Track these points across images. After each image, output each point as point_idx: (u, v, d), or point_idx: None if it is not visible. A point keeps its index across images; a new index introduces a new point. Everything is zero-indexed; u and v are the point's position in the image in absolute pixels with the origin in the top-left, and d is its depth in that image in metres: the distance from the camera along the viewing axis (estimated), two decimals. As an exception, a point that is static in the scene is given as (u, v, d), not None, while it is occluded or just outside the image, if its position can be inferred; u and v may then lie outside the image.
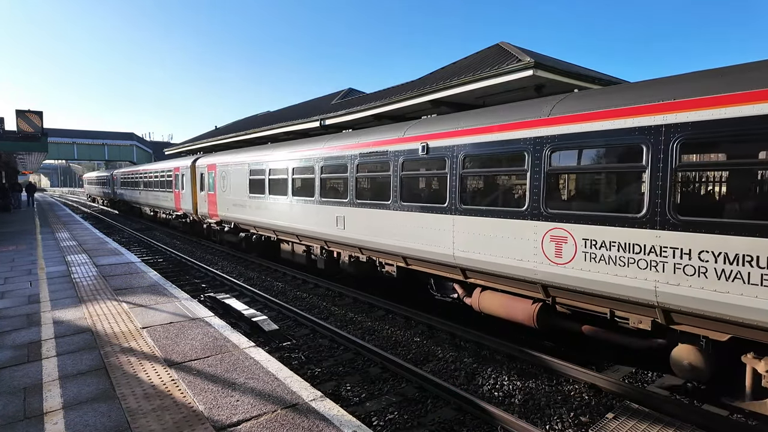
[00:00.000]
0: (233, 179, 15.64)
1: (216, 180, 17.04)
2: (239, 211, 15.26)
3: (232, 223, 16.27)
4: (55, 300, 7.76)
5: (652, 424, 5.09)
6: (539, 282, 6.50)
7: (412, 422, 5.53)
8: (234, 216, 15.84)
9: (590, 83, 8.84)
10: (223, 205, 16.53)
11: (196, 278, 13.66)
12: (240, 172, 15.13)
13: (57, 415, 3.99)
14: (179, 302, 7.66)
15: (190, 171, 19.93)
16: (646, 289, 5.28)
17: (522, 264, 6.63)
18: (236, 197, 15.43)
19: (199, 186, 18.84)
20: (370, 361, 7.31)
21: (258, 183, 14.28)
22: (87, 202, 58.47)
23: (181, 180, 21.02)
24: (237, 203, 15.40)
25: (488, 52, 11.08)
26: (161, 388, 4.47)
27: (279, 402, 4.23)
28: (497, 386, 6.41)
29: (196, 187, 19.48)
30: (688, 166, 5.34)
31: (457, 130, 7.64)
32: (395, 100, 11.30)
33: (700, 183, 6.86)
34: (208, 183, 17.83)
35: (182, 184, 20.94)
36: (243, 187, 14.90)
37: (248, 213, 14.63)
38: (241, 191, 15.00)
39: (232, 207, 15.79)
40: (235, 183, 15.44)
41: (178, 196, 21.78)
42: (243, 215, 15.06)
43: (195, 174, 19.70)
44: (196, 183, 19.53)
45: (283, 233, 13.06)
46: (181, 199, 21.32)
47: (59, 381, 4.65)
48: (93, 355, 5.32)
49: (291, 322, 9.40)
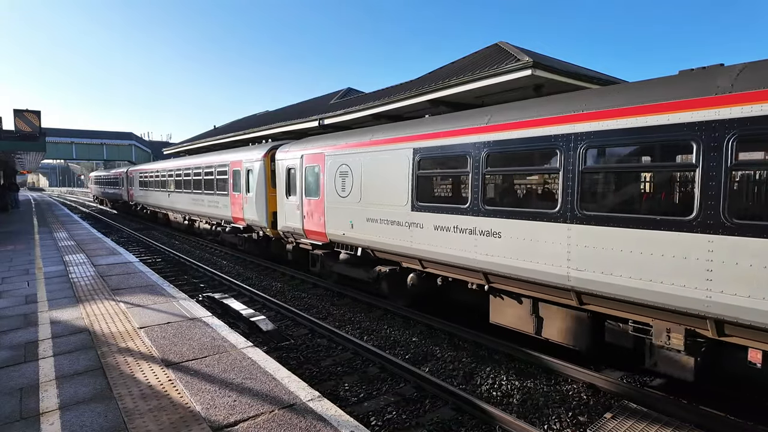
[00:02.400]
0: (371, 176, 9.49)
1: (325, 178, 10.86)
2: (383, 232, 9.17)
3: (357, 248, 10.18)
4: (53, 300, 7.73)
5: (651, 424, 5.08)
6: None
7: (410, 422, 5.52)
8: (369, 238, 9.61)
9: (589, 83, 8.83)
10: (341, 218, 10.38)
11: (194, 278, 13.64)
12: (389, 163, 8.98)
13: (53, 415, 3.97)
14: (177, 302, 7.64)
15: (263, 166, 14.14)
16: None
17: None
18: (378, 206, 9.29)
19: (285, 188, 12.70)
20: (368, 360, 7.30)
21: (447, 181, 10.53)
22: (87, 202, 58.37)
23: (245, 179, 15.07)
24: (377, 217, 9.31)
25: (487, 51, 11.08)
26: (158, 389, 4.45)
27: (276, 402, 4.21)
28: (495, 386, 6.41)
29: (274, 190, 13.66)
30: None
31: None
32: (394, 100, 11.29)
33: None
34: (306, 183, 11.71)
35: (246, 184, 15.01)
36: (397, 190, 8.74)
37: (408, 236, 8.52)
38: (392, 196, 8.89)
39: (364, 223, 9.69)
40: (377, 183, 9.35)
41: (237, 202, 15.60)
42: (391, 238, 8.95)
43: (272, 169, 13.82)
44: (274, 183, 13.70)
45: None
46: (244, 206, 15.16)
47: (56, 381, 4.63)
48: (90, 355, 5.31)
49: (289, 322, 9.39)
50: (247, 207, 14.95)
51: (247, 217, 15.10)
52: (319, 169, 11.09)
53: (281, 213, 13.01)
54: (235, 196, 15.86)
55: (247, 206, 14.95)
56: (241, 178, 15.27)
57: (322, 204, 10.99)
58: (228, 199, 16.39)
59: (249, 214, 14.91)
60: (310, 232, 11.64)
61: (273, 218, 13.73)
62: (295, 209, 12.17)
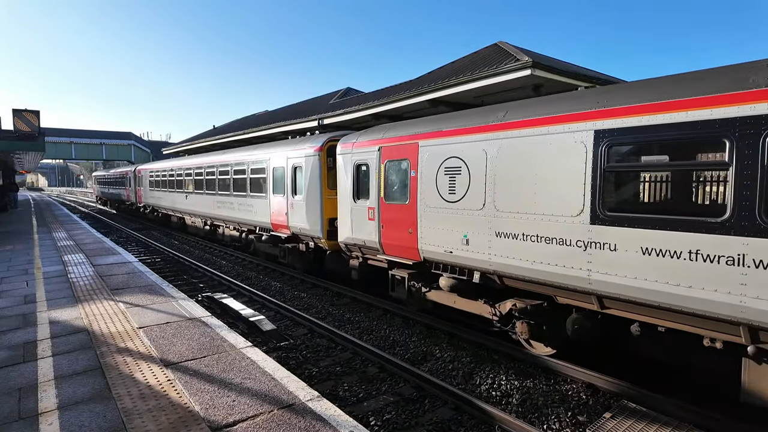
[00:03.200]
0: (506, 173, 6.75)
1: (419, 177, 8.18)
2: (529, 252, 6.43)
3: (473, 272, 7.41)
4: (52, 300, 7.73)
5: (650, 424, 5.09)
6: None
7: (409, 422, 5.52)
8: (500, 260, 6.84)
9: (588, 82, 8.83)
10: (447, 231, 7.65)
11: (193, 278, 13.64)
12: (545, 154, 6.26)
13: (52, 415, 3.97)
14: (176, 302, 7.64)
15: (317, 162, 11.47)
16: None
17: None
18: (521, 216, 6.55)
19: (351, 189, 9.99)
20: (367, 360, 7.30)
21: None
22: (86, 202, 58.29)
23: (290, 178, 12.54)
24: (518, 231, 6.57)
25: (486, 51, 11.07)
26: (157, 389, 4.45)
27: (275, 402, 4.21)
28: (495, 386, 6.41)
29: (332, 191, 11.13)
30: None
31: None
32: (393, 100, 11.27)
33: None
34: (387, 183, 9.05)
35: (292, 184, 12.49)
36: (560, 193, 6.07)
37: (583, 261, 5.83)
38: (550, 201, 6.19)
39: (491, 239, 6.94)
40: (517, 182, 6.60)
41: (279, 206, 13.11)
42: (546, 262, 6.24)
43: (329, 166, 11.43)
44: (331, 183, 11.22)
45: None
46: (288, 211, 12.62)
47: (54, 381, 4.63)
48: (89, 355, 5.30)
49: (289, 322, 9.39)
50: (294, 212, 12.41)
51: (293, 224, 12.47)
52: (409, 165, 8.48)
53: (344, 221, 10.32)
54: (276, 199, 13.30)
55: (294, 211, 12.40)
56: (286, 177, 12.72)
57: (412, 211, 8.33)
58: (266, 202, 13.78)
59: (296, 220, 12.33)
60: (391, 246, 8.98)
61: (329, 226, 11.26)
62: (368, 217, 9.53)
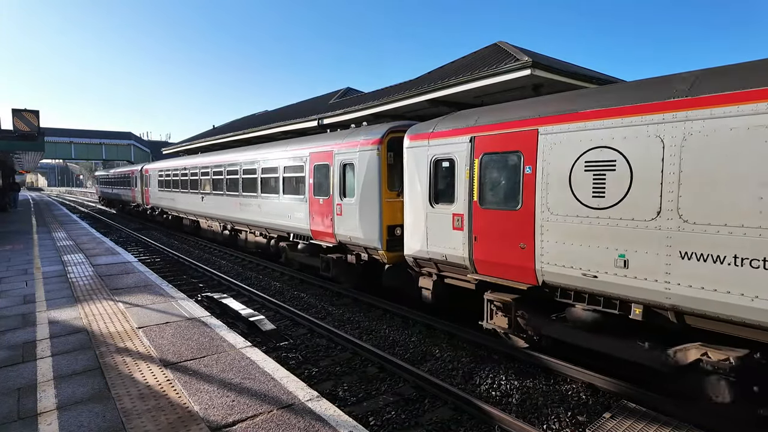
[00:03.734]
0: (710, 170, 4.70)
1: (538, 175, 6.35)
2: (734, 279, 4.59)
3: (630, 304, 5.60)
4: (51, 300, 7.72)
5: (650, 424, 5.08)
6: None
7: (409, 422, 5.52)
8: (685, 292, 4.97)
9: (588, 82, 8.83)
10: (589, 248, 5.81)
11: (193, 278, 13.63)
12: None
13: (51, 415, 3.96)
14: (176, 302, 7.63)
15: (375, 158, 9.55)
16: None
17: None
18: (736, 231, 4.54)
19: (427, 190, 8.09)
20: (367, 360, 7.30)
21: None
22: (86, 202, 58.27)
23: (338, 177, 10.55)
24: (722, 253, 4.65)
25: (486, 51, 11.06)
26: (156, 389, 4.44)
27: (275, 402, 4.21)
28: (495, 386, 6.40)
29: (392, 193, 9.53)
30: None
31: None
32: (393, 99, 11.27)
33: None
34: (482, 184, 7.21)
35: (341, 185, 10.50)
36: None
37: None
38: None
39: (675, 262, 5.02)
40: (726, 183, 4.61)
41: (323, 209, 11.05)
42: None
43: (389, 163, 9.57)
44: (392, 183, 9.54)
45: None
46: (335, 216, 10.65)
47: (54, 381, 4.62)
48: (88, 355, 5.30)
49: (288, 322, 9.38)
50: (343, 218, 10.48)
51: (340, 231, 10.57)
52: (521, 159, 6.51)
53: (415, 229, 8.40)
54: (318, 202, 11.31)
55: (343, 217, 10.48)
56: (332, 176, 10.75)
57: (526, 219, 6.40)
58: (305, 205, 11.82)
59: (345, 227, 10.41)
60: (487, 264, 7.12)
61: (389, 235, 9.57)
62: (451, 225, 7.64)
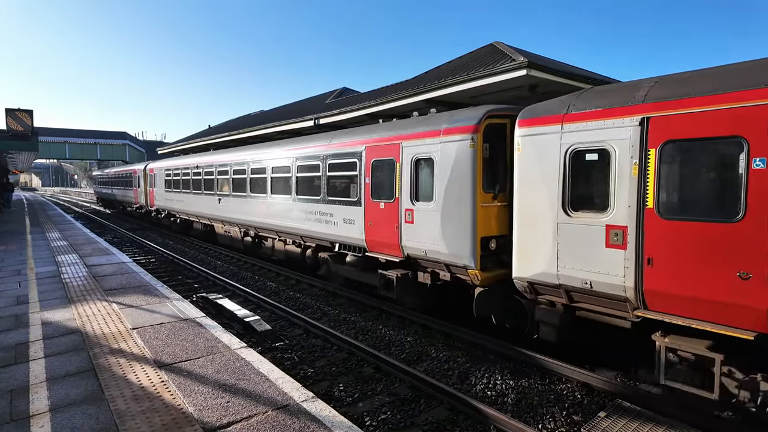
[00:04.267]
0: None
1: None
2: None
3: None
4: (45, 301, 7.66)
5: (644, 423, 5.10)
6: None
7: (405, 422, 5.51)
8: None
9: (583, 83, 8.85)
10: None
11: (188, 278, 13.57)
12: None
13: (44, 417, 3.93)
14: (171, 303, 7.59)
15: (467, 150, 7.48)
16: None
17: None
18: None
19: (561, 194, 6.20)
20: (363, 361, 7.28)
21: None
22: (80, 202, 57.91)
23: (408, 176, 8.51)
24: None
25: (482, 51, 11.07)
26: (150, 390, 4.42)
27: (270, 403, 4.19)
28: (490, 385, 6.41)
29: (486, 196, 7.54)
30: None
31: None
32: (390, 99, 11.26)
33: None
34: (674, 184, 5.26)
35: (412, 185, 8.45)
36: None
37: None
38: None
39: None
40: None
41: (384, 216, 9.06)
42: None
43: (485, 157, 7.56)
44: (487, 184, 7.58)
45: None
46: (402, 224, 8.60)
47: (46, 383, 4.59)
48: (81, 356, 5.26)
49: (284, 322, 9.35)
50: (415, 227, 8.29)
51: (410, 243, 8.40)
52: (742, 150, 4.64)
53: (533, 244, 6.54)
54: (377, 207, 9.18)
55: (415, 225, 8.28)
56: (398, 174, 8.60)
57: (756, 236, 4.58)
58: (357, 210, 9.66)
59: (419, 238, 8.23)
60: (668, 298, 5.21)
61: (483, 249, 7.42)
62: (604, 242, 5.75)
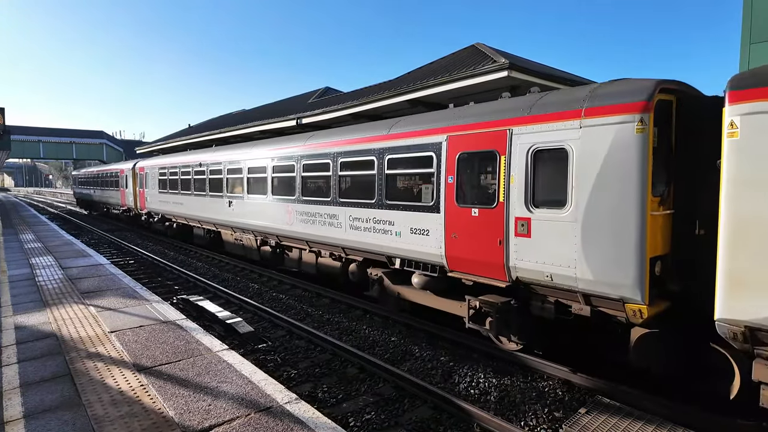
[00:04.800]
0: None
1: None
2: None
3: None
4: (18, 304, 7.44)
5: (623, 418, 5.21)
6: None
7: (389, 422, 5.52)
8: None
9: (563, 84, 9.01)
10: None
11: (168, 280, 13.32)
12: None
13: (18, 424, 3.82)
14: (150, 305, 7.46)
15: (633, 137, 5.05)
16: None
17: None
18: None
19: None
20: (347, 361, 7.27)
21: None
22: (55, 202, 56.33)
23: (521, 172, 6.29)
24: None
25: (464, 53, 11.18)
26: (130, 394, 4.33)
27: (252, 405, 4.15)
28: (473, 384, 6.47)
29: (656, 199, 5.35)
30: None
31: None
32: (372, 100, 11.28)
33: None
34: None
35: (524, 185, 6.27)
36: None
37: None
38: None
39: None
40: None
41: (475, 227, 6.92)
42: None
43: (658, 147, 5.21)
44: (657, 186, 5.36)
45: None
46: (513, 238, 6.41)
47: (20, 389, 4.46)
48: (57, 361, 5.12)
49: (267, 324, 9.26)
50: (532, 242, 6.21)
51: (523, 264, 6.34)
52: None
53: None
54: (466, 214, 7.08)
55: (533, 240, 6.21)
56: (503, 170, 6.54)
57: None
58: (435, 217, 7.56)
59: (541, 258, 6.13)
60: None
61: (651, 275, 5.29)
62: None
